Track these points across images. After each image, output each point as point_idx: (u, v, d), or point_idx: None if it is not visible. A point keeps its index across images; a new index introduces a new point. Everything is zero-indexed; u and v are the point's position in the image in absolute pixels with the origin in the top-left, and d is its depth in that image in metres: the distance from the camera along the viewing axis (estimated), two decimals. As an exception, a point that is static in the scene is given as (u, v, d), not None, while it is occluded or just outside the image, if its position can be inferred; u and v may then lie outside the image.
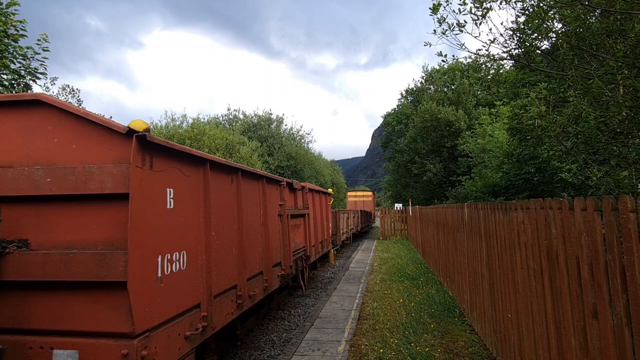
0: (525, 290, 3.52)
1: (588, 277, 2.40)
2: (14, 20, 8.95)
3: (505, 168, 11.82)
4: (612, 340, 2.15)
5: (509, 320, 4.01)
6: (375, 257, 14.11)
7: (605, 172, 5.79)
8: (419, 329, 5.71)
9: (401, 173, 28.53)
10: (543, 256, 3.08)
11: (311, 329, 5.96)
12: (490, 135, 14.92)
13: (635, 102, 4.20)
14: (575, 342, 2.57)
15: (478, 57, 6.69)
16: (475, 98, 25.86)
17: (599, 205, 2.32)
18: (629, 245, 2.00)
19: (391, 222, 22.21)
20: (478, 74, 27.75)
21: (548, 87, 6.52)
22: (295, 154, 37.31)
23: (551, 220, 2.91)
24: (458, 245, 6.75)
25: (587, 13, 4.62)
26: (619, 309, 2.08)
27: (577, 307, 2.54)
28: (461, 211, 6.45)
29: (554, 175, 9.37)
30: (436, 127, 23.80)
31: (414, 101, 31.90)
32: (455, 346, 5.10)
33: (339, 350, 5.03)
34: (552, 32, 5.12)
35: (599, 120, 4.80)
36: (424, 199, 24.51)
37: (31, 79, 9.69)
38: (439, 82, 29.09)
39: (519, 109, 9.33)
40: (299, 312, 7.59)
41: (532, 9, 4.95)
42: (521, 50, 5.31)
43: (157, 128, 29.01)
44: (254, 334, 6.24)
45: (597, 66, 4.54)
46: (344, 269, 11.86)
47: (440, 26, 5.30)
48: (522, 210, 3.57)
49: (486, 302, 4.91)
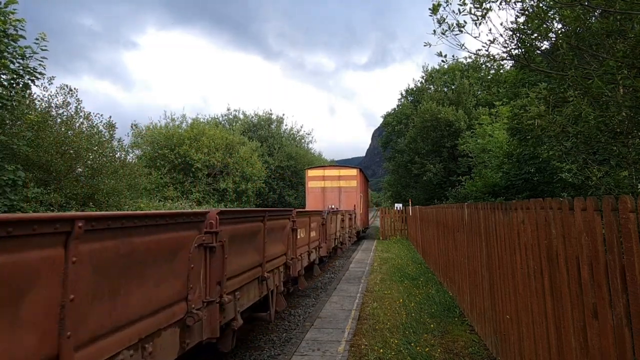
0: (525, 290, 3.52)
1: (588, 277, 2.40)
2: (13, 20, 8.95)
3: (505, 168, 11.83)
4: (612, 340, 2.15)
5: (509, 320, 4.01)
6: (375, 257, 14.11)
7: (605, 172, 5.79)
8: (419, 329, 5.71)
9: (401, 173, 28.53)
10: (543, 256, 3.08)
11: (311, 329, 5.96)
12: (490, 135, 14.93)
13: (635, 102, 4.20)
14: (575, 342, 2.57)
15: (478, 57, 6.69)
16: (475, 98, 25.87)
17: (599, 205, 2.32)
18: (629, 245, 2.00)
19: (391, 222, 22.21)
20: (478, 74, 27.77)
21: (548, 87, 6.52)
22: (295, 154, 37.32)
23: (551, 220, 2.92)
24: (458, 245, 6.75)
25: (587, 13, 4.62)
26: (619, 309, 2.08)
27: (577, 307, 2.54)
28: (461, 211, 6.45)
29: (554, 175, 9.38)
30: (436, 127, 23.81)
31: (414, 101, 31.91)
32: (455, 346, 5.10)
33: (339, 350, 5.03)
34: (552, 32, 5.12)
35: (598, 120, 4.80)
36: (424, 199, 24.51)
37: (30, 79, 9.70)
38: (439, 82, 29.11)
39: (519, 109, 9.33)
40: (299, 312, 7.60)
41: (531, 9, 4.95)
42: (521, 50, 5.32)
43: (157, 128, 29.00)
44: (254, 333, 6.24)
45: (597, 66, 4.54)
46: (344, 269, 11.86)
47: (440, 27, 5.31)
48: (522, 210, 3.57)
49: (486, 302, 4.91)
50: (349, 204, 19.62)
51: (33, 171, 11.62)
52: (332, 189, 19.87)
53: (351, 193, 19.90)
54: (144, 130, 28.75)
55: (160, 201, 21.58)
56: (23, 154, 10.26)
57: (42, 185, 11.51)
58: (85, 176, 13.31)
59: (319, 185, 19.78)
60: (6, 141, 8.92)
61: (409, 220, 19.51)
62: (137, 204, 16.25)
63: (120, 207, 14.27)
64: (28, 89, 10.02)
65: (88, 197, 13.07)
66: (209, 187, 27.27)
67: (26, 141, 9.25)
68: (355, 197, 19.98)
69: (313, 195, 19.88)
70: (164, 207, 20.06)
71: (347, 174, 20.19)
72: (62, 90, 14.15)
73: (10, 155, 9.68)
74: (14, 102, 9.59)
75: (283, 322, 6.96)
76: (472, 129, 19.66)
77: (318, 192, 19.81)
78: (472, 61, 26.35)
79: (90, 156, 13.62)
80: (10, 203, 9.19)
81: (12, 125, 10.12)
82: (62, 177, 12.36)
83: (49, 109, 13.38)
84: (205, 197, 26.47)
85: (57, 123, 13.25)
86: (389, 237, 21.58)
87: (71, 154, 12.70)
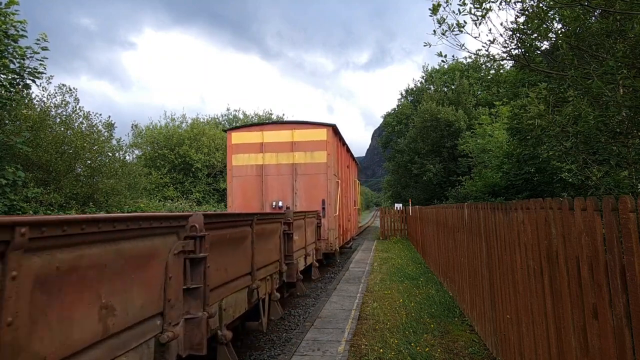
0: (525, 290, 3.52)
1: (588, 277, 2.40)
2: (14, 21, 8.95)
3: (505, 168, 11.83)
4: (612, 340, 2.15)
5: (509, 320, 4.01)
6: (375, 257, 14.11)
7: (605, 172, 5.79)
8: (419, 329, 5.71)
9: (401, 173, 28.56)
10: (543, 256, 3.08)
11: (311, 329, 5.96)
12: (490, 135, 14.94)
13: (635, 102, 4.20)
14: (575, 342, 2.57)
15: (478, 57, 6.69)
16: (475, 98, 25.90)
17: (599, 205, 2.32)
18: (629, 245, 2.00)
19: (391, 222, 22.22)
20: (478, 74, 27.79)
21: (548, 87, 6.52)
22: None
23: (551, 220, 2.92)
24: (458, 245, 6.75)
25: (587, 13, 4.62)
26: (619, 309, 2.08)
27: (577, 307, 2.54)
28: (461, 211, 6.46)
29: (554, 175, 9.38)
30: (436, 127, 23.83)
31: (413, 101, 31.94)
32: (455, 346, 5.10)
33: (339, 350, 5.03)
34: (552, 32, 5.13)
35: (598, 120, 4.80)
36: (424, 199, 24.54)
37: (30, 79, 9.69)
38: (439, 82, 29.14)
39: (519, 109, 9.34)
40: (298, 312, 7.60)
41: (531, 9, 4.95)
42: (521, 50, 5.32)
43: (157, 128, 29.01)
44: (254, 333, 6.24)
45: (596, 66, 4.54)
46: (344, 269, 11.86)
47: (440, 27, 5.31)
48: (522, 210, 3.57)
49: (486, 302, 4.91)
50: (315, 198, 11.10)
51: (33, 171, 11.63)
52: (278, 169, 11.26)
53: (317, 176, 11.14)
54: (143, 130, 28.78)
55: (160, 201, 21.59)
56: (23, 154, 10.27)
57: (41, 185, 11.52)
58: (84, 176, 13.31)
59: (253, 162, 11.30)
60: (3, 138, 8.91)
61: (409, 220, 19.51)
62: (137, 204, 16.26)
63: (121, 207, 14.28)
64: (28, 89, 10.02)
65: (88, 197, 13.08)
66: (209, 187, 27.28)
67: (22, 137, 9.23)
68: (325, 184, 11.08)
69: (241, 183, 11.35)
70: (164, 207, 20.06)
71: (308, 137, 11.22)
72: (61, 89, 14.16)
73: (10, 155, 9.68)
74: (13, 102, 9.59)
75: (283, 322, 6.97)
76: (472, 129, 19.68)
77: (251, 176, 11.31)
78: (472, 61, 26.38)
79: (90, 156, 13.63)
80: (10, 203, 9.19)
81: (12, 124, 10.13)
82: (62, 177, 12.37)
83: (48, 108, 13.39)
84: (205, 197, 26.48)
85: (56, 123, 13.26)
86: (389, 237, 21.59)
87: (70, 153, 12.70)
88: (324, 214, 10.91)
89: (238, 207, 11.34)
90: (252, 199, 11.37)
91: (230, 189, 11.54)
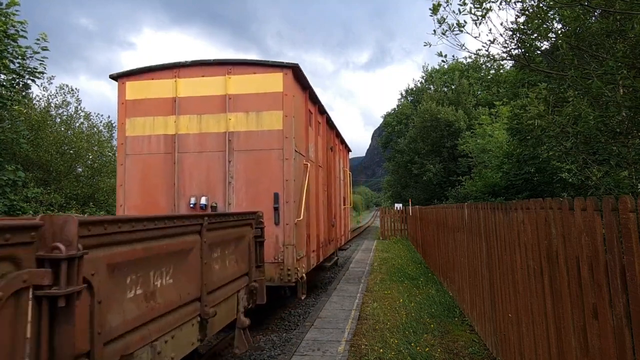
0: (525, 290, 3.52)
1: (588, 277, 2.40)
2: (14, 21, 8.95)
3: (505, 168, 11.84)
4: (612, 340, 2.16)
5: (509, 320, 4.01)
6: (375, 257, 14.11)
7: (605, 172, 5.79)
8: (419, 329, 5.71)
9: (401, 173, 28.58)
10: (543, 256, 3.08)
11: (311, 329, 5.96)
12: (490, 136, 14.95)
13: (635, 102, 4.21)
14: (575, 342, 2.57)
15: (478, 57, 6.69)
16: (475, 98, 25.92)
17: (599, 205, 2.32)
18: (629, 245, 2.00)
19: (391, 222, 22.22)
20: (478, 74, 27.80)
21: (548, 87, 6.53)
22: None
23: (551, 220, 2.92)
24: (458, 245, 6.75)
25: (587, 13, 4.62)
26: (619, 309, 2.08)
27: (577, 307, 2.54)
28: (461, 211, 6.46)
29: (554, 175, 9.39)
30: (436, 127, 23.84)
31: (413, 101, 31.95)
32: (455, 346, 5.10)
33: (339, 350, 5.03)
34: (552, 32, 5.13)
35: (598, 120, 4.81)
36: (424, 199, 24.54)
37: (30, 79, 9.70)
38: (439, 82, 29.15)
39: (519, 109, 9.34)
40: (299, 312, 7.60)
41: (531, 9, 4.95)
42: (521, 50, 5.32)
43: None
44: (254, 333, 6.24)
45: (596, 66, 4.54)
46: (344, 269, 11.86)
47: (440, 27, 5.31)
48: (522, 210, 3.57)
49: (486, 302, 4.91)
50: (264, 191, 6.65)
51: (33, 171, 11.64)
52: (202, 142, 6.88)
53: (268, 154, 6.68)
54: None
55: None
56: (23, 153, 10.27)
57: (42, 185, 11.52)
58: (85, 176, 13.32)
59: (160, 130, 6.98)
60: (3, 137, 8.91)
61: (409, 220, 19.51)
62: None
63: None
64: (28, 89, 10.03)
65: (88, 197, 13.08)
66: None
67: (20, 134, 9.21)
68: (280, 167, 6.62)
69: (139, 166, 7.01)
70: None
71: (253, 86, 6.77)
72: (62, 90, 14.16)
73: (10, 155, 9.68)
74: (13, 102, 9.60)
75: (283, 322, 6.97)
76: (472, 129, 19.68)
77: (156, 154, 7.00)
78: (472, 61, 26.40)
79: (90, 156, 13.64)
80: (10, 203, 9.20)
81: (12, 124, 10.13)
82: (62, 176, 12.38)
83: (48, 106, 13.40)
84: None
85: (57, 123, 13.27)
86: (388, 237, 21.59)
87: (71, 153, 12.72)
88: (278, 218, 6.52)
89: (133, 207, 6.94)
90: (156, 193, 6.92)
91: (120, 176, 7.05)
